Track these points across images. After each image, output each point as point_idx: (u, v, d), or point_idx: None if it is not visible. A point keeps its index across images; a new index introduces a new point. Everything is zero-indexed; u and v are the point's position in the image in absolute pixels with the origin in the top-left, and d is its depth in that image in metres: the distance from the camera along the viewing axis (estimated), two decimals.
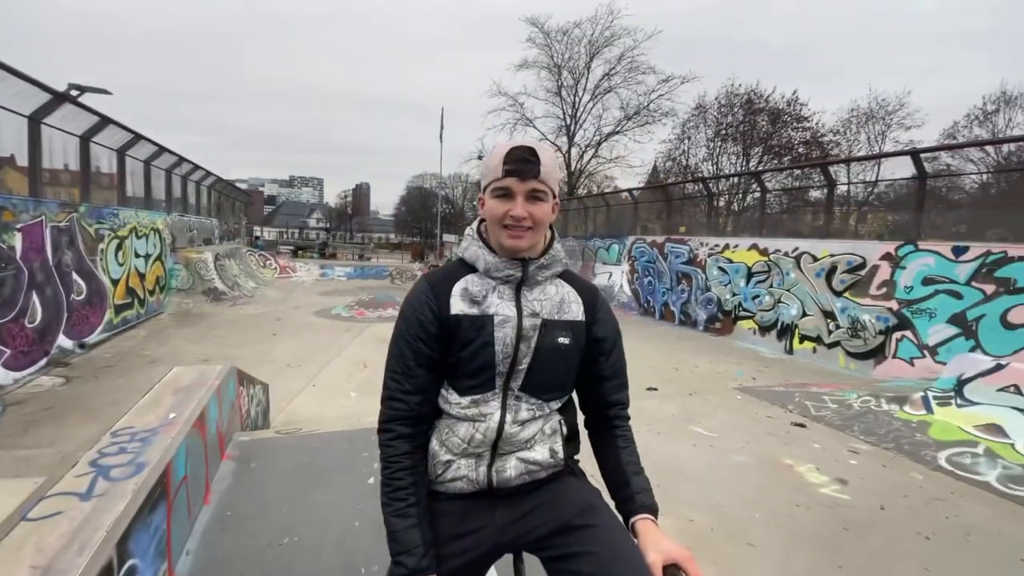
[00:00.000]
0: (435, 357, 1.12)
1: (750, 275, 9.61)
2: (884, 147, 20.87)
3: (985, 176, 15.20)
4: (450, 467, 1.15)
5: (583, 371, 1.22)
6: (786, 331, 8.79)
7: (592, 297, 1.23)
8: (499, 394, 1.14)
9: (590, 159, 26.29)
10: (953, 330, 6.47)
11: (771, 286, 9.17)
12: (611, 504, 1.19)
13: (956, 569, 2.70)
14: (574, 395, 1.29)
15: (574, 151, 26.04)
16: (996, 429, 4.23)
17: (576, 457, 1.28)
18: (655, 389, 5.96)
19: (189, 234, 14.09)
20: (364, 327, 9.57)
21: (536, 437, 1.17)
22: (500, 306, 1.13)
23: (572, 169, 26.14)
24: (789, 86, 39.83)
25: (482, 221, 1.20)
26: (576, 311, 1.19)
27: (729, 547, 2.81)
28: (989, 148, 16.29)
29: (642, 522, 1.11)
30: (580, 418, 1.30)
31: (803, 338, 8.49)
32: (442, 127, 26.83)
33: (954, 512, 3.33)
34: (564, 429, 1.22)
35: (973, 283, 6.32)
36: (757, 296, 9.44)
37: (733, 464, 3.96)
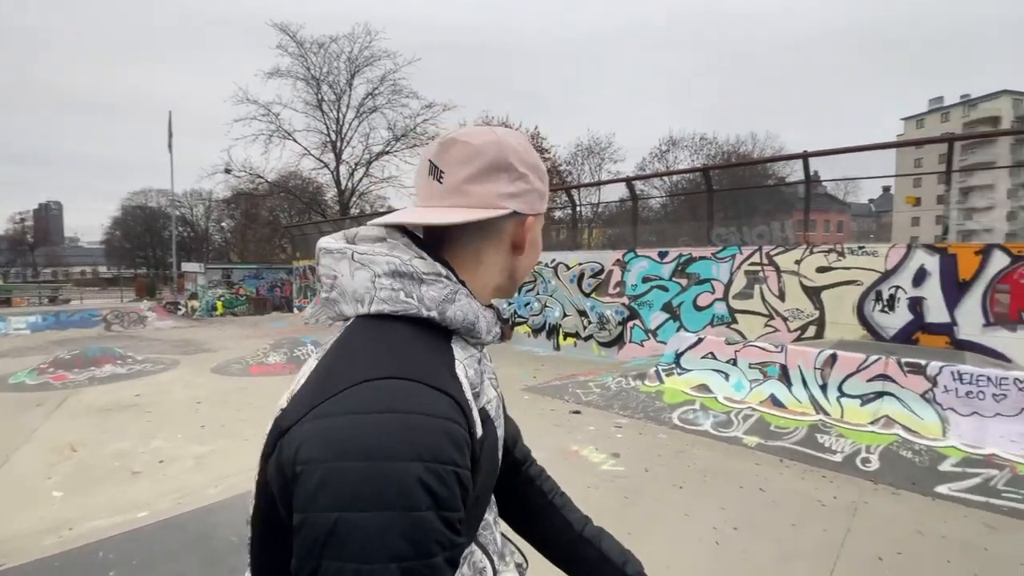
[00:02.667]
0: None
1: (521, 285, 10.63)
2: (602, 176, 25.99)
3: (665, 198, 20.35)
4: None
5: None
6: (553, 331, 9.98)
7: None
8: None
9: (361, 178, 25.53)
10: (665, 315, 8.31)
11: (538, 293, 10.30)
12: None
13: (705, 506, 3.37)
14: None
15: (343, 169, 24.97)
16: (704, 388, 5.55)
17: None
18: None
19: None
20: (67, 395, 7.13)
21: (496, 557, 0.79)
22: (489, 388, 0.68)
23: (343, 188, 24.99)
24: (532, 121, 46.26)
25: (425, 240, 0.69)
26: None
27: None
28: (666, 176, 21.76)
29: None
30: None
31: (566, 335, 9.76)
32: (171, 134, 22.35)
33: (692, 461, 4.19)
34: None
35: (674, 278, 8.25)
36: (528, 303, 10.48)
37: None
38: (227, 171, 22.98)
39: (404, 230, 0.68)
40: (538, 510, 0.89)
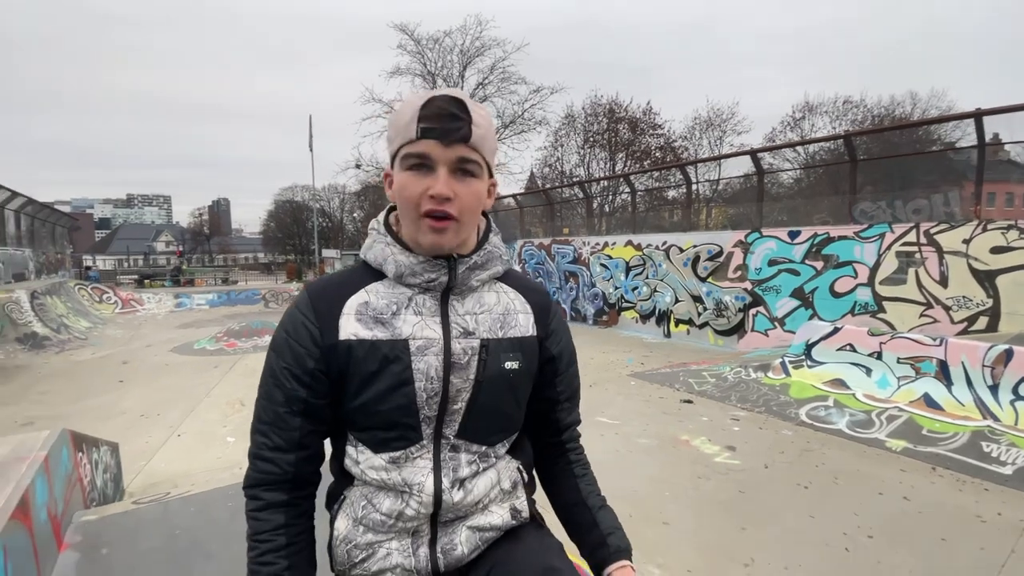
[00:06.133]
0: (317, 403, 0.83)
1: (628, 269, 10.33)
2: (723, 150, 23.97)
3: (798, 171, 18.21)
4: (375, 552, 0.86)
5: (532, 396, 0.96)
6: (663, 317, 9.58)
7: (544, 303, 0.95)
8: (428, 447, 0.85)
9: None
10: (795, 302, 7.53)
11: (647, 277, 9.94)
12: (573, 548, 0.99)
13: (834, 510, 3.07)
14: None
15: None
16: (840, 383, 4.97)
17: (533, 497, 1.02)
18: None
19: None
20: (236, 360, 8.51)
21: (491, 495, 0.91)
22: (419, 325, 0.83)
23: None
24: (643, 97, 44.10)
25: (391, 210, 0.91)
26: (525, 324, 0.91)
27: (648, 529, 2.90)
28: (801, 148, 19.48)
29: (621, 572, 0.91)
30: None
31: (678, 322, 9.31)
32: (311, 135, 25.13)
33: (821, 460, 3.81)
34: (525, 476, 0.99)
35: (806, 261, 7.42)
36: (636, 287, 10.17)
37: (639, 448, 4.14)
38: (357, 166, 25.20)
39: None
40: (558, 473, 1.02)
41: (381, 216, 0.91)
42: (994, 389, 4.15)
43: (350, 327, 0.82)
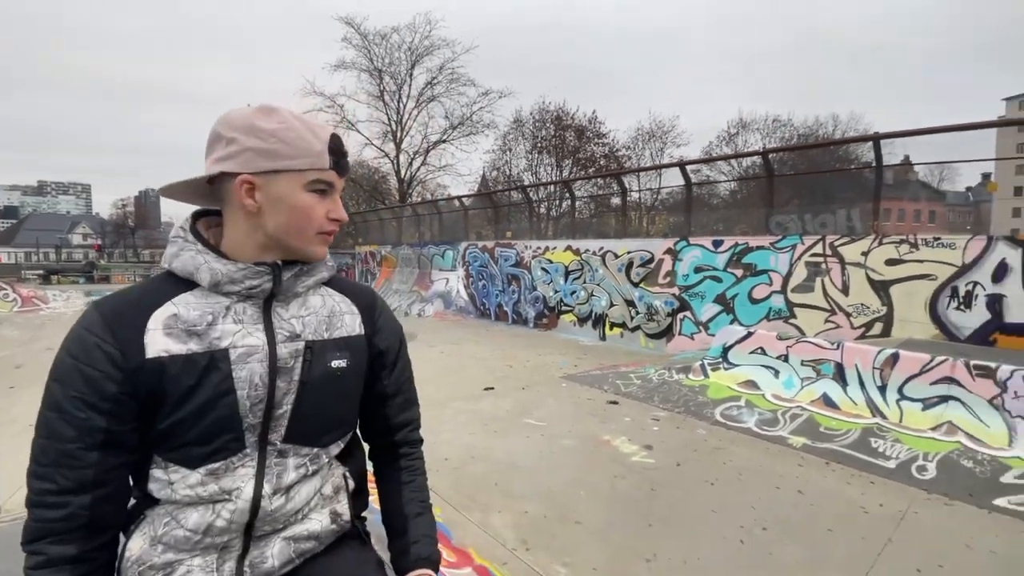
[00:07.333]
0: (121, 431, 0.76)
1: (567, 273, 10.54)
2: (663, 161, 25.05)
3: (732, 184, 19.29)
4: (174, 571, 0.79)
5: (364, 394, 0.97)
6: (599, 320, 9.83)
7: (369, 302, 0.98)
8: (252, 455, 0.82)
9: (419, 167, 26.19)
10: (718, 308, 7.95)
11: (584, 282, 10.17)
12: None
13: (735, 505, 3.24)
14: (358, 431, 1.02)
15: (403, 158, 25.73)
16: (752, 384, 5.29)
17: (364, 514, 1.02)
18: (492, 388, 6.09)
19: None
20: None
21: (312, 503, 0.89)
22: (240, 334, 0.80)
23: (403, 176, 25.78)
24: (590, 106, 45.19)
25: (199, 217, 0.88)
26: (351, 323, 0.93)
27: (561, 529, 2.95)
28: (734, 161, 20.64)
29: None
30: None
31: (612, 325, 9.59)
32: None
33: (729, 458, 4.03)
34: (351, 483, 0.97)
35: (728, 269, 7.86)
36: (574, 291, 10.39)
37: (561, 448, 4.21)
38: None
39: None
40: (387, 478, 1.02)
41: (186, 223, 0.86)
42: (883, 389, 4.55)
43: (159, 343, 0.77)
